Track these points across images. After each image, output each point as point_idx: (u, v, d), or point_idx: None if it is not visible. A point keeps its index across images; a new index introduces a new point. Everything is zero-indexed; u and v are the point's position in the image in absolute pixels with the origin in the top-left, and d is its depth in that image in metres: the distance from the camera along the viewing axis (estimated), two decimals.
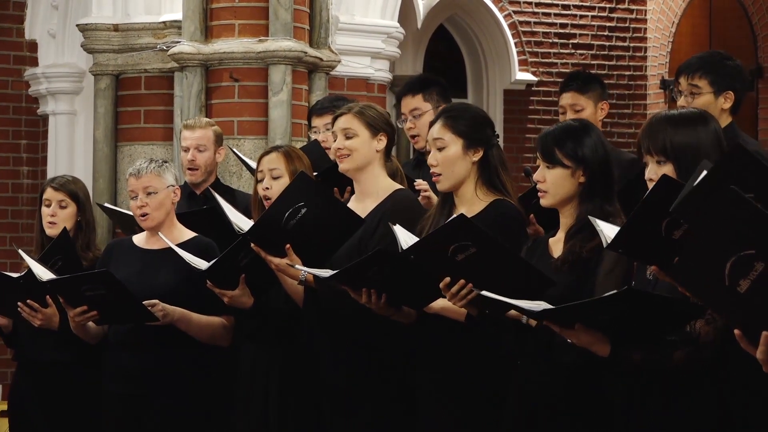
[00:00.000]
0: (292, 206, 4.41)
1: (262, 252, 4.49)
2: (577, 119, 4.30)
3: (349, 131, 4.62)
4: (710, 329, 3.40)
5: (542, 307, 3.55)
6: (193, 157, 6.19)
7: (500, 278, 3.74)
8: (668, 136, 3.56)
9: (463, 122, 4.37)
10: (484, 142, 4.37)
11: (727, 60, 5.05)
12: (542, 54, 12.09)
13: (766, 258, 2.61)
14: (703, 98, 4.91)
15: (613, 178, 4.02)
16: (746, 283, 2.65)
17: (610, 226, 3.57)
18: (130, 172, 5.13)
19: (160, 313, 4.88)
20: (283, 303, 4.92)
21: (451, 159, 4.35)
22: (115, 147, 7.74)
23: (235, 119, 7.26)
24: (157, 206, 5.07)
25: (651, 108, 12.25)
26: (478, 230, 3.77)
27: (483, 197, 4.34)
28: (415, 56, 11.62)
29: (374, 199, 4.61)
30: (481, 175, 4.37)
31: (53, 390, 5.38)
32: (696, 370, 3.45)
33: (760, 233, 2.62)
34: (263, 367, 5.03)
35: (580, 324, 3.47)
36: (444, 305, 4.23)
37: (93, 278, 4.86)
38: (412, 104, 5.86)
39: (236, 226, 4.66)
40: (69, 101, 9.23)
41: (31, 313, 5.09)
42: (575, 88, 5.96)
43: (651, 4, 12.34)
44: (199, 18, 7.33)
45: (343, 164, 4.64)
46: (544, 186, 4.00)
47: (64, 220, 5.45)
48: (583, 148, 3.96)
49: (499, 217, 4.22)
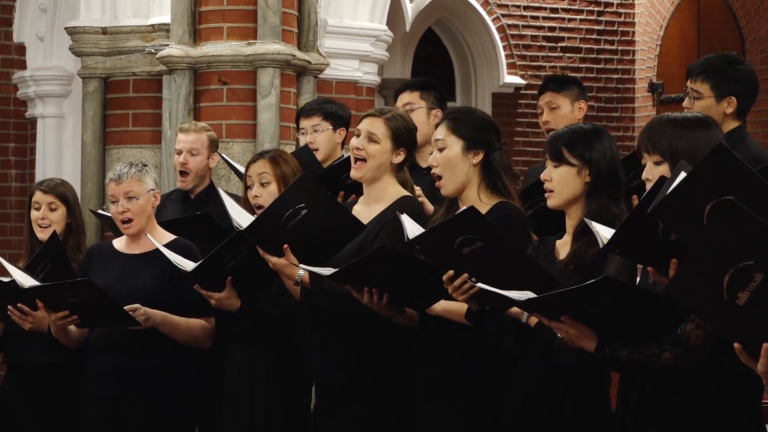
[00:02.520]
0: (293, 207, 4.40)
1: (260, 249, 4.49)
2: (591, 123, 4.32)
3: (373, 136, 4.58)
4: (700, 333, 3.40)
5: (528, 296, 3.57)
6: (185, 161, 6.17)
7: (504, 275, 3.74)
8: (667, 138, 3.57)
9: (464, 124, 4.40)
10: (485, 145, 4.38)
11: (734, 64, 5.02)
12: (530, 57, 12.11)
13: (765, 268, 2.60)
14: (704, 102, 4.91)
15: (621, 181, 4.02)
16: (745, 295, 2.63)
17: (606, 228, 3.58)
18: (111, 178, 5.11)
19: (141, 317, 4.88)
20: (273, 305, 4.92)
21: (451, 160, 4.37)
22: (104, 150, 7.72)
23: (224, 122, 7.25)
24: (139, 211, 5.06)
25: (639, 111, 12.28)
26: (486, 224, 3.78)
27: (486, 200, 4.36)
28: (404, 59, 11.63)
29: (381, 205, 4.60)
30: (483, 179, 4.39)
31: (43, 393, 5.37)
32: (684, 372, 3.46)
33: (758, 244, 2.60)
34: (250, 368, 5.03)
35: (566, 316, 3.48)
36: (446, 307, 4.24)
37: (75, 286, 4.86)
38: (408, 99, 5.86)
39: (235, 222, 4.64)
40: (57, 104, 9.22)
41: (21, 317, 5.09)
42: (551, 89, 6.03)
43: (639, 7, 12.36)
44: (187, 21, 7.32)
45: (357, 172, 4.61)
46: (551, 185, 4.01)
47: (54, 222, 5.45)
48: (591, 150, 3.98)
49: (503, 219, 4.23)
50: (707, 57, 5.10)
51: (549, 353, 3.88)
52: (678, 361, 3.43)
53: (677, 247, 3.25)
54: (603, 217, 3.80)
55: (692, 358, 3.42)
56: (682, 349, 3.42)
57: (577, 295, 3.41)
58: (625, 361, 3.49)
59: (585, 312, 3.46)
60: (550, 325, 3.55)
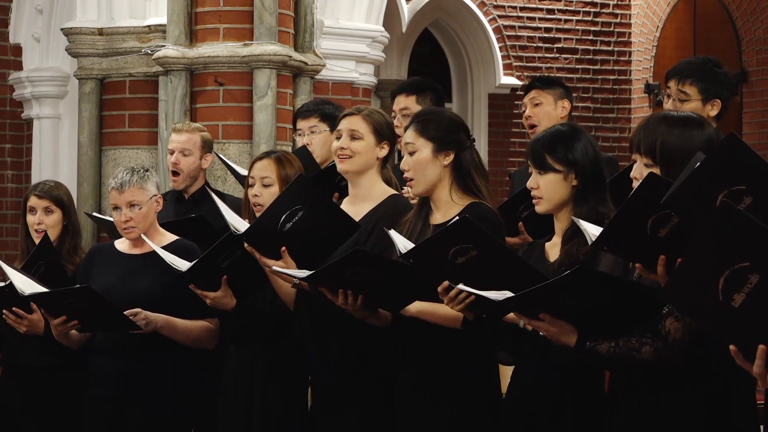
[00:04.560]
0: (289, 209, 4.40)
1: (257, 254, 4.49)
2: (566, 123, 4.31)
3: (355, 133, 4.61)
4: (680, 326, 3.42)
5: (505, 296, 3.58)
6: (177, 161, 6.15)
7: (500, 281, 3.73)
8: (660, 136, 3.57)
9: (433, 126, 4.38)
10: (455, 145, 4.38)
11: (717, 67, 5.07)
12: (527, 58, 12.11)
13: (760, 270, 2.60)
14: (691, 105, 4.93)
15: (605, 179, 4.04)
16: (740, 297, 2.63)
17: (594, 226, 3.58)
18: (113, 186, 5.07)
19: (142, 321, 4.87)
20: (269, 305, 4.92)
21: (422, 163, 4.36)
22: (100, 151, 7.73)
23: (220, 123, 7.25)
24: (142, 219, 5.05)
25: (635, 112, 12.28)
26: (480, 232, 3.76)
27: (458, 201, 4.35)
28: (400, 60, 11.64)
29: (369, 204, 4.60)
30: (455, 179, 4.38)
31: (40, 395, 5.37)
32: (664, 366, 3.47)
33: (754, 246, 2.60)
34: (248, 369, 5.03)
35: (545, 314, 3.50)
36: (420, 308, 4.24)
37: (74, 293, 4.85)
38: (404, 103, 5.86)
39: (232, 226, 4.65)
40: (53, 105, 9.22)
41: (16, 320, 5.08)
42: (536, 86, 6.02)
43: (635, 8, 12.37)
44: (183, 22, 7.33)
45: (343, 165, 4.62)
46: (538, 192, 4.02)
47: (50, 226, 5.43)
48: (573, 152, 3.98)
49: (476, 219, 4.22)
50: (690, 60, 5.13)
51: (548, 353, 3.88)
52: (658, 354, 3.45)
53: (665, 244, 3.26)
54: (592, 218, 3.80)
55: (672, 352, 3.44)
56: (662, 342, 3.44)
57: (555, 289, 3.43)
58: (605, 355, 3.52)
59: (565, 307, 3.48)
60: (531, 325, 3.57)
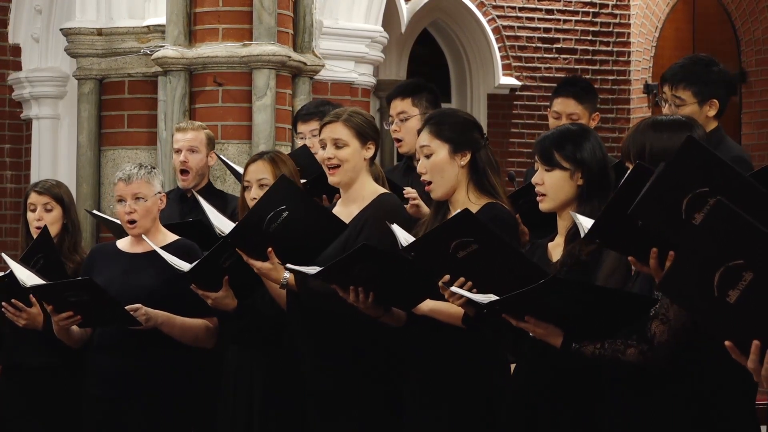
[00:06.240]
0: (274, 209, 4.40)
1: (244, 255, 4.49)
2: (576, 123, 4.30)
3: (339, 141, 4.60)
4: (665, 329, 3.43)
5: (489, 299, 3.60)
6: (186, 159, 6.17)
7: (501, 276, 3.74)
8: (649, 141, 3.58)
9: (447, 127, 4.38)
10: (470, 145, 4.38)
11: (711, 66, 5.02)
12: (526, 59, 12.11)
13: (754, 267, 2.63)
14: (688, 108, 4.90)
15: (611, 181, 4.03)
16: (735, 294, 2.66)
17: (589, 219, 3.59)
18: (120, 177, 5.12)
19: (142, 317, 4.88)
20: (269, 306, 4.92)
21: (439, 165, 4.36)
22: (99, 151, 7.73)
23: (219, 123, 7.26)
24: (145, 213, 5.08)
25: (635, 112, 12.28)
26: (481, 225, 3.77)
27: (475, 201, 4.34)
28: (399, 60, 11.63)
29: (359, 204, 4.61)
30: (471, 179, 4.38)
31: (39, 394, 5.37)
32: (649, 368, 3.48)
33: (748, 243, 2.62)
34: (248, 369, 5.03)
35: (529, 316, 3.53)
36: (433, 307, 4.23)
37: (76, 285, 4.87)
38: (401, 107, 5.86)
39: (218, 229, 4.66)
40: (52, 105, 9.22)
41: (15, 313, 5.09)
42: (573, 95, 5.77)
43: (634, 8, 12.37)
44: (182, 22, 7.33)
45: (335, 177, 4.62)
46: (543, 189, 4.01)
47: (50, 223, 5.45)
48: (581, 151, 3.98)
49: (492, 221, 4.21)
50: (681, 63, 5.06)
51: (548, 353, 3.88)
52: (643, 357, 3.46)
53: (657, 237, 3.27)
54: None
55: (657, 355, 3.45)
56: (647, 345, 3.45)
57: (529, 297, 3.45)
58: (590, 356, 3.53)
59: (551, 308, 3.50)
60: (518, 326, 3.59)
